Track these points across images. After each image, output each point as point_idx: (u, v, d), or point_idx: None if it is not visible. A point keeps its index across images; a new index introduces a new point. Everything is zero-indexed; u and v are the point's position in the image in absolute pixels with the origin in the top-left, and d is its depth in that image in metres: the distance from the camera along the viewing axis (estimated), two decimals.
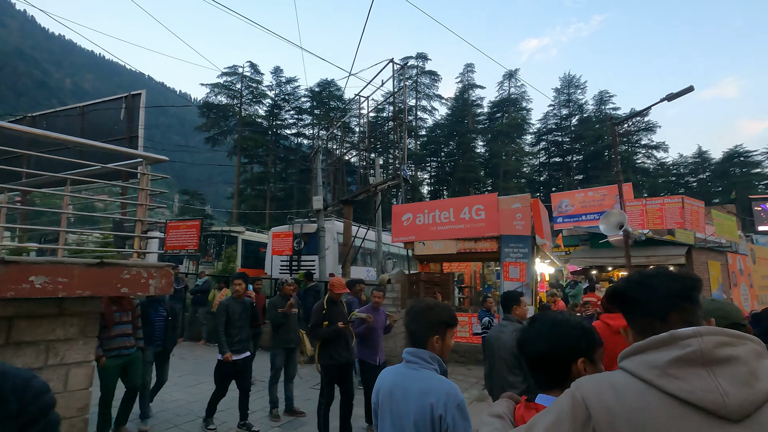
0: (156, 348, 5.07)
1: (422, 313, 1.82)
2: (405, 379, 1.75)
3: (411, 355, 1.80)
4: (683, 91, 8.10)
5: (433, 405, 1.62)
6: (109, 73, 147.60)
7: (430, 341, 1.78)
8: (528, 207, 8.18)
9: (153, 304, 5.09)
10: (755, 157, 43.53)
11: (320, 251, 10.41)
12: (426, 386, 1.67)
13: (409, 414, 1.66)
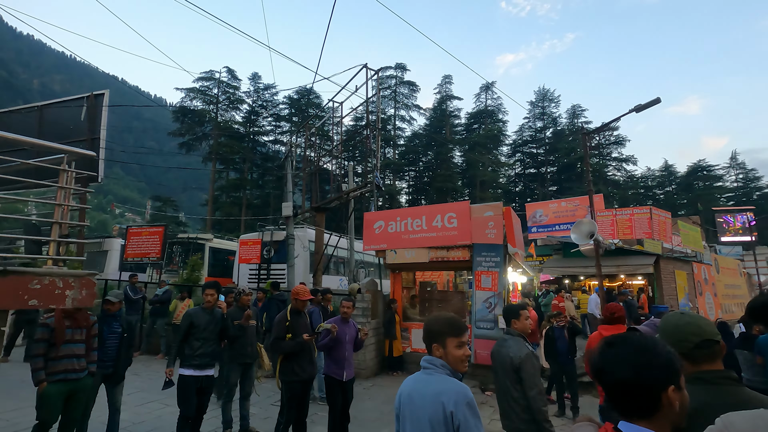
0: (105, 370, 4.40)
1: (427, 324, 2.07)
2: (421, 384, 1.93)
3: (426, 362, 1.98)
4: (650, 102, 8.22)
5: (444, 404, 1.78)
6: (79, 75, 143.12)
7: (433, 349, 1.98)
8: (500, 215, 8.10)
9: (106, 318, 4.50)
10: (717, 171, 45.47)
11: (289, 259, 10.07)
12: (439, 388, 1.84)
13: (425, 414, 1.82)
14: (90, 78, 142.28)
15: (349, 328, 4.80)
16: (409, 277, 10.11)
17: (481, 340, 8.00)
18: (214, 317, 4.59)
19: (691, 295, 14.36)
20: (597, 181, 47.40)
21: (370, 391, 7.21)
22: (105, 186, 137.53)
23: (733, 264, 17.52)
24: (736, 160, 48.13)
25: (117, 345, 4.49)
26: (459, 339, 1.97)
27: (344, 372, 4.59)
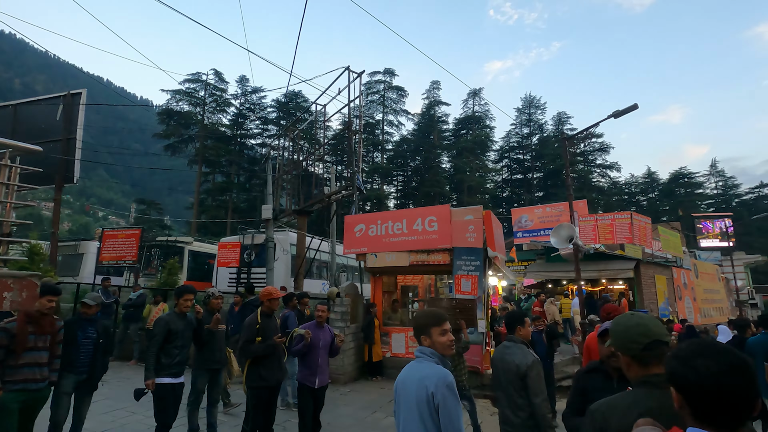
0: (79, 376, 4.11)
1: (414, 320, 2.37)
2: (413, 370, 2.20)
3: (418, 352, 2.25)
4: (628, 108, 8.31)
5: (427, 386, 2.04)
6: (63, 75, 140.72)
7: (422, 340, 2.25)
8: (480, 219, 8.09)
9: (82, 322, 4.22)
10: (697, 178, 46.48)
11: (268, 263, 9.91)
12: (423, 373, 2.11)
13: (413, 395, 2.10)
14: (74, 78, 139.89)
15: (324, 333, 4.69)
16: (391, 281, 10.02)
17: None
18: (189, 322, 4.40)
19: (670, 300, 14.56)
20: (582, 187, 48.06)
21: (347, 396, 7.09)
22: (88, 188, 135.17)
23: (712, 269, 17.83)
24: (715, 167, 49.29)
25: (92, 351, 4.21)
26: (441, 327, 2.23)
27: (317, 379, 4.47)
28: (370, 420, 5.94)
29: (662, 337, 1.46)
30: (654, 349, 1.45)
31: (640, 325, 1.50)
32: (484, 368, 7.84)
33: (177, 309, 4.36)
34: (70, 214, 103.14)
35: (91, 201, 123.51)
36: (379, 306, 9.07)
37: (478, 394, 7.63)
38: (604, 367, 2.47)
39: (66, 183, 11.96)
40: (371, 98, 54.90)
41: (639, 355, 1.46)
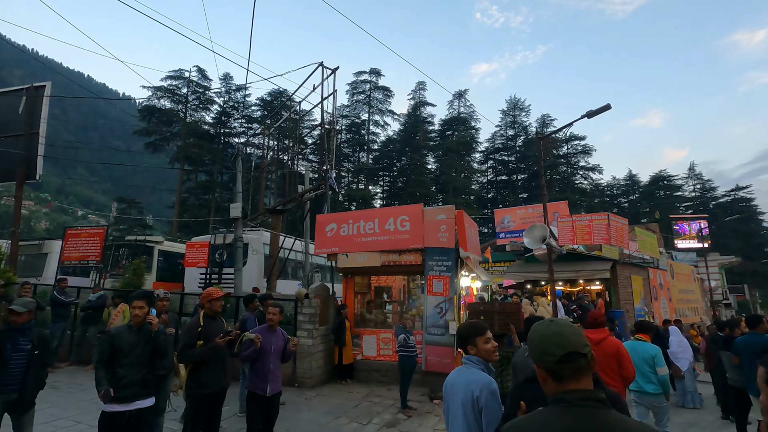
0: (7, 396, 3.61)
1: (458, 331, 2.63)
2: (460, 375, 2.47)
3: (466, 359, 2.51)
4: (601, 108, 8.28)
5: (473, 390, 2.30)
6: (42, 70, 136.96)
7: (468, 349, 2.51)
8: (452, 219, 7.95)
9: (11, 333, 3.74)
10: (676, 181, 47.40)
11: (236, 263, 9.62)
12: (469, 378, 2.38)
13: (459, 397, 2.37)
14: (53, 74, 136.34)
15: (276, 337, 4.45)
16: (364, 281, 9.82)
17: (432, 346, 7.78)
18: (142, 336, 3.67)
19: (646, 300, 14.66)
20: (565, 189, 48.61)
21: (312, 401, 6.86)
22: (68, 186, 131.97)
23: (688, 270, 18.07)
24: (694, 171, 50.32)
25: (25, 365, 3.70)
26: (484, 336, 2.52)
27: (268, 386, 4.22)
28: (333, 425, 5.73)
29: (580, 349, 1.29)
30: (570, 362, 1.27)
31: (557, 334, 1.33)
32: None
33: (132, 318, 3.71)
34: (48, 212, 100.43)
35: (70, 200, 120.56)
36: (351, 307, 8.87)
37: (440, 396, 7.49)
38: None
39: (28, 180, 11.48)
40: (357, 98, 54.72)
41: (555, 368, 1.29)
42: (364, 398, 7.13)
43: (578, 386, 1.26)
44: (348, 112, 54.80)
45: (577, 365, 1.27)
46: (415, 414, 6.46)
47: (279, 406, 4.46)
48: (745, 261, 34.64)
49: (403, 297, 9.72)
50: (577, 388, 1.26)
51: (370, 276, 9.69)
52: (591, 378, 1.30)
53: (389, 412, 6.43)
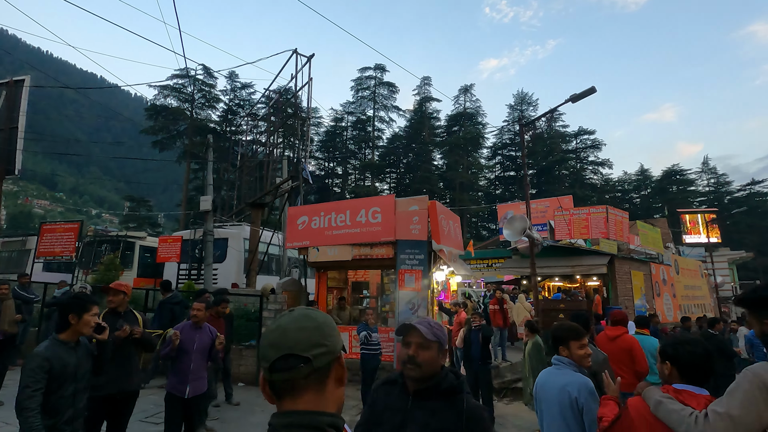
0: None
1: (554, 331, 2.66)
2: (552, 376, 2.54)
3: (556, 360, 2.57)
4: (585, 92, 7.78)
5: (570, 392, 2.36)
6: (55, 72, 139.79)
7: (560, 350, 2.56)
8: (425, 210, 7.52)
9: None
10: (689, 175, 46.01)
11: (206, 258, 9.34)
12: (565, 380, 2.43)
13: (554, 400, 2.42)
14: (66, 75, 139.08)
15: (202, 335, 4.10)
16: (341, 276, 9.46)
17: None
18: (85, 352, 2.88)
19: (648, 296, 14.02)
20: (574, 184, 47.60)
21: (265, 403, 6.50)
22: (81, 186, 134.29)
23: (694, 265, 17.31)
24: (707, 165, 48.78)
25: None
26: (580, 342, 2.55)
27: (187, 387, 3.86)
28: None
29: (300, 351, 0.87)
30: (282, 371, 0.86)
31: (279, 329, 0.90)
32: None
33: (71, 331, 2.75)
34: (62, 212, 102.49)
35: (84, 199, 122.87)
36: (322, 303, 8.50)
37: None
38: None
39: (8, 175, 11.36)
40: (362, 94, 54.36)
41: (268, 378, 0.89)
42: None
43: (295, 406, 0.86)
44: (353, 108, 54.51)
45: (290, 374, 0.86)
46: None
47: (203, 408, 4.12)
48: (759, 256, 33.39)
49: (377, 292, 9.32)
50: (291, 410, 0.86)
51: (347, 271, 9.33)
52: (323, 395, 0.89)
53: (349, 414, 6.06)
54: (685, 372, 1.91)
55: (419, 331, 1.66)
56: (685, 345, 1.97)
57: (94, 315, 2.82)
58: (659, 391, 1.91)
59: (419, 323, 1.71)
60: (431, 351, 1.66)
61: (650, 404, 1.88)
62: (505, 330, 9.82)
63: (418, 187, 48.00)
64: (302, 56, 9.68)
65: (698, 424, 1.66)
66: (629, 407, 1.99)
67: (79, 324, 2.71)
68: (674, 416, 1.75)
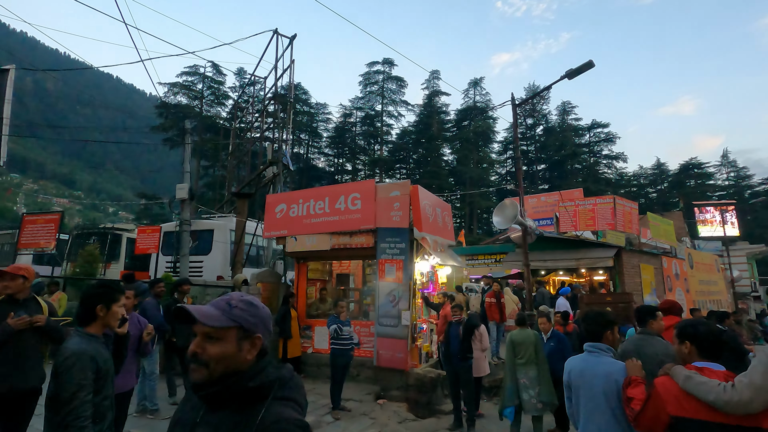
0: None
1: (597, 317, 2.70)
2: (591, 364, 2.54)
3: (592, 347, 2.60)
4: (583, 66, 7.15)
5: (617, 380, 2.38)
6: (73, 72, 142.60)
7: (605, 336, 2.62)
8: (407, 195, 7.00)
9: None
10: (708, 169, 44.35)
11: (182, 248, 8.99)
12: (609, 368, 2.45)
13: (599, 387, 2.43)
14: (83, 75, 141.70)
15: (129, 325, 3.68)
16: (325, 268, 9.00)
17: (384, 339, 6.89)
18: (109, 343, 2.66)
19: (659, 291, 13.27)
20: (587, 179, 46.36)
21: None
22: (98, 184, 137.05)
23: (710, 259, 16.39)
24: (727, 158, 46.97)
25: None
26: (617, 327, 2.70)
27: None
28: None
29: None
30: None
31: None
32: (410, 365, 6.79)
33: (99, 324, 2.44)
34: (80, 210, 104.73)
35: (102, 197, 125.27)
36: (302, 296, 8.04)
37: (399, 396, 6.61)
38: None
39: None
40: (370, 89, 53.88)
41: None
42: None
43: None
44: (362, 104, 54.09)
45: None
46: (346, 416, 5.61)
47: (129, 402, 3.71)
48: None
49: (362, 284, 8.82)
50: None
51: (331, 261, 8.87)
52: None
53: (316, 414, 5.61)
54: (703, 348, 2.11)
55: (200, 315, 1.15)
56: (701, 325, 2.19)
57: (122, 306, 2.53)
58: (684, 368, 2.06)
59: (207, 306, 1.21)
60: (224, 343, 1.17)
61: (678, 380, 2.01)
62: (502, 325, 9.29)
63: (428, 182, 47.26)
64: (283, 37, 9.24)
65: (726, 391, 1.84)
66: (657, 386, 2.08)
67: (107, 316, 2.41)
68: (703, 387, 1.91)
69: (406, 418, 5.78)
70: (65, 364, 2.14)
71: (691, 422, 1.93)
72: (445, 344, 5.77)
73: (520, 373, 4.88)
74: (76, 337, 2.30)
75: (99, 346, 2.34)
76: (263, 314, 1.25)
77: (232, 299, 1.23)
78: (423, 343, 7.31)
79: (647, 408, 2.09)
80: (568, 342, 5.30)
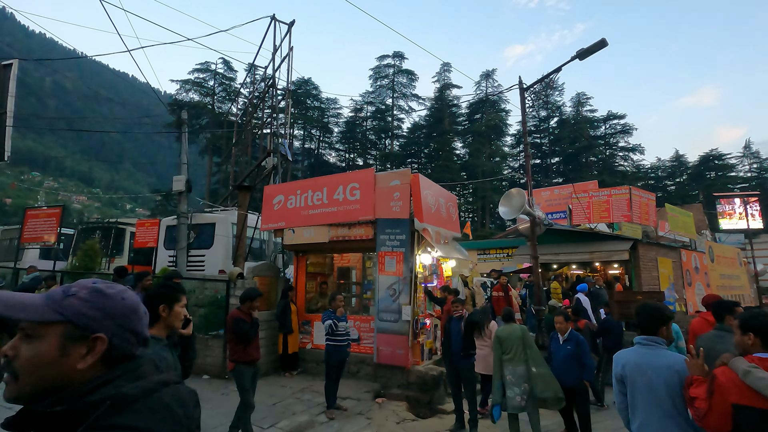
0: None
1: (654, 311, 2.62)
2: (648, 357, 2.47)
3: (646, 339, 2.54)
4: (595, 45, 6.70)
5: (679, 372, 2.34)
6: (90, 72, 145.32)
7: (660, 330, 2.55)
8: (407, 185, 6.67)
9: None
10: (730, 160, 42.85)
11: (179, 242, 8.82)
12: (670, 360, 2.41)
13: (660, 380, 2.37)
14: (100, 75, 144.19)
15: None
16: (326, 261, 8.74)
17: (384, 335, 6.60)
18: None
19: (677, 285, 12.70)
20: (603, 171, 45.21)
21: (228, 397, 5.85)
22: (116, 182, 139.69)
23: (732, 252, 15.68)
24: (750, 149, 45.24)
25: None
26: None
27: None
28: (221, 430, 4.69)
29: None
30: None
31: None
32: (412, 362, 6.49)
33: (163, 325, 2.33)
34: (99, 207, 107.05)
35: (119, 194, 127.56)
36: (301, 290, 7.80)
37: (400, 394, 6.32)
38: None
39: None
40: (381, 83, 53.43)
41: None
42: (294, 394, 6.08)
43: None
44: (372, 98, 53.70)
45: None
46: (341, 416, 5.35)
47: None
48: None
49: (363, 278, 8.54)
50: None
51: (332, 255, 8.60)
52: None
53: (310, 413, 5.35)
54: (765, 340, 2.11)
55: (5, 304, 0.82)
56: (763, 316, 2.20)
57: (184, 306, 2.39)
58: (745, 360, 2.04)
59: (33, 294, 0.88)
60: (40, 343, 0.84)
61: (738, 373, 2.01)
62: None
63: (440, 176, 46.76)
64: (282, 23, 8.96)
65: None
66: (718, 376, 2.06)
67: (170, 316, 2.28)
68: (763, 383, 1.90)
69: (405, 418, 5.49)
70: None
71: (752, 411, 1.94)
72: (445, 341, 5.46)
73: (507, 369, 4.57)
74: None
75: (161, 349, 2.19)
76: (116, 307, 0.92)
77: (74, 286, 0.91)
78: (426, 339, 7.00)
79: (713, 404, 2.03)
80: (587, 344, 4.87)
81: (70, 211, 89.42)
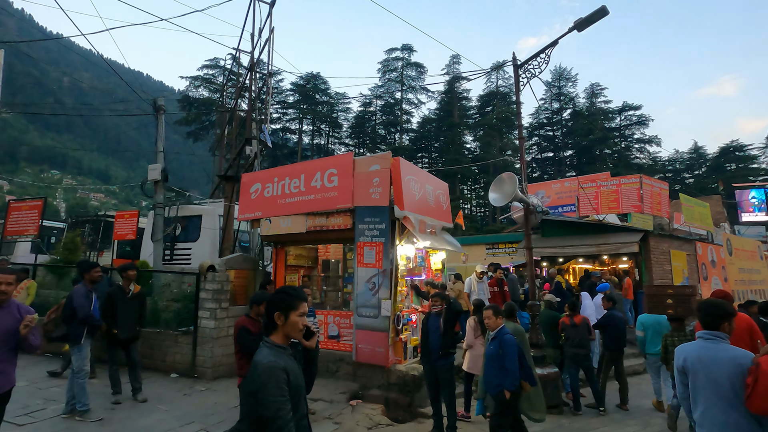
0: None
1: (715, 309, 2.66)
2: (710, 351, 2.54)
3: (709, 334, 2.61)
4: (594, 14, 6.06)
5: (742, 365, 2.39)
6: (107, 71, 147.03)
7: (723, 326, 2.59)
8: (387, 170, 6.15)
9: None
10: (751, 151, 41.09)
11: (155, 234, 8.47)
12: (733, 354, 2.48)
13: (723, 373, 2.43)
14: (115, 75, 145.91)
15: (3, 315, 3.06)
16: (309, 254, 8.28)
17: (363, 331, 6.12)
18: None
19: (692, 280, 11.94)
20: (618, 164, 43.86)
21: (188, 398, 5.44)
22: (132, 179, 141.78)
23: (752, 246, 14.75)
24: None
25: None
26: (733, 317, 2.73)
27: None
28: None
29: None
30: None
31: None
32: (392, 361, 6.01)
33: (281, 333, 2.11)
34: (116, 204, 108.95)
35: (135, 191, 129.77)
36: (281, 283, 7.36)
37: (379, 396, 5.84)
38: None
39: None
40: (389, 76, 52.79)
41: None
42: None
43: None
44: (382, 92, 53.11)
45: None
46: None
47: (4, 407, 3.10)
48: None
49: (344, 270, 8.05)
50: None
51: (315, 246, 8.14)
52: None
53: None
54: None
55: None
56: None
57: (303, 315, 2.09)
58: None
59: None
60: None
61: None
62: None
63: (450, 170, 45.97)
64: (263, 2, 8.50)
65: None
66: (762, 363, 2.24)
67: (286, 325, 2.03)
68: None
69: (379, 423, 5.02)
70: (259, 381, 1.86)
71: None
72: (423, 340, 4.95)
73: None
74: (265, 349, 2.00)
75: (288, 359, 1.99)
76: None
77: None
78: (410, 336, 6.50)
79: (758, 385, 2.18)
80: (514, 345, 4.00)
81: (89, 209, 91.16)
